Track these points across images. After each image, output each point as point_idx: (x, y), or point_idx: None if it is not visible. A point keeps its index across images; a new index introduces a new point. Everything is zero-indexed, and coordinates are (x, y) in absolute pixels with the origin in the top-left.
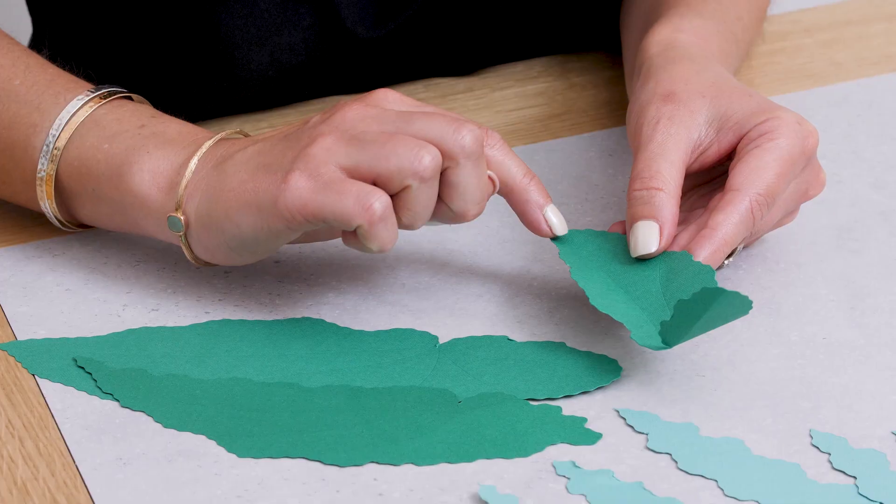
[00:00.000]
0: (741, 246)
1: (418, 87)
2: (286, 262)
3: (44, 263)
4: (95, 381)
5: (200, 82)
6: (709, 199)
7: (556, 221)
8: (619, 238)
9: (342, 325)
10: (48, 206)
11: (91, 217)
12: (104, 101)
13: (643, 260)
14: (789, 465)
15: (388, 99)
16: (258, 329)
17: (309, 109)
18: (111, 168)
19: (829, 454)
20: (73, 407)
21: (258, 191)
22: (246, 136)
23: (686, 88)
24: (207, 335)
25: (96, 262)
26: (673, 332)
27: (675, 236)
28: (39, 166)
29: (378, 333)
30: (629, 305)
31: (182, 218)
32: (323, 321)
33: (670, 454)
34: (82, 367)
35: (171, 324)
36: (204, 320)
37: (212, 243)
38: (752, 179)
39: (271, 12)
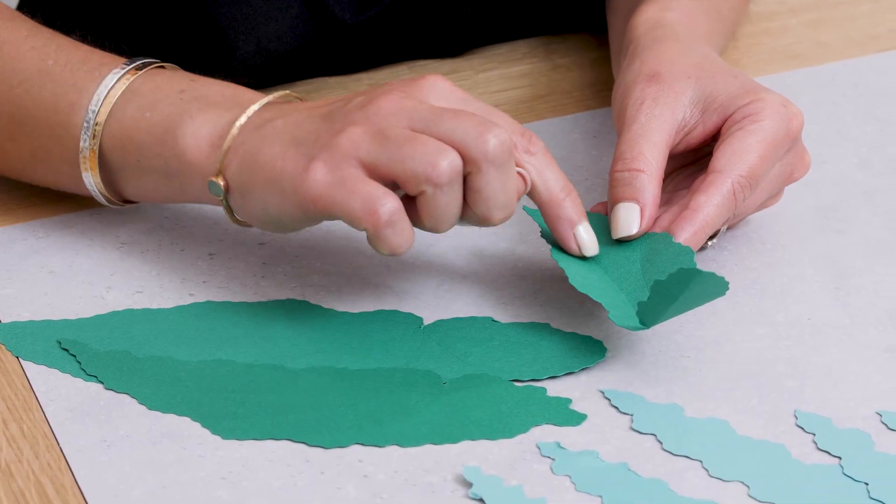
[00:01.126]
0: (724, 227)
1: (402, 69)
2: (271, 244)
3: (27, 246)
4: (80, 363)
5: (188, 69)
6: (693, 180)
7: (587, 241)
8: (600, 219)
9: (327, 306)
10: (93, 181)
11: (137, 191)
12: (140, 72)
13: (624, 241)
14: (774, 446)
15: (435, 88)
16: (242, 311)
17: (294, 90)
18: (154, 136)
19: (814, 434)
20: (58, 389)
21: (284, 172)
22: (296, 98)
23: (671, 69)
24: (191, 317)
25: (80, 244)
26: (650, 313)
27: (658, 217)
28: (81, 143)
29: (362, 315)
30: (608, 286)
31: (222, 183)
32: (307, 302)
33: (655, 435)
34: (66, 350)
35: (155, 306)
36: (188, 302)
37: (247, 211)
38: (734, 161)
39: (259, 1)
